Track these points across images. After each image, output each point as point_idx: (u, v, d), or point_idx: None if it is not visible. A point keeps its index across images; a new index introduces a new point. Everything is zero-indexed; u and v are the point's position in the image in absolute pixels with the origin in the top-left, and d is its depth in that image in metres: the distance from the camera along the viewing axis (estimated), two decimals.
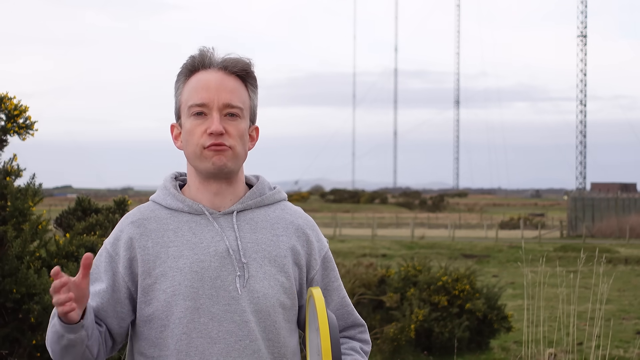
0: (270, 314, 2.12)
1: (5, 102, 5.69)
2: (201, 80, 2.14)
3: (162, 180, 2.25)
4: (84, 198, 6.65)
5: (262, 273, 2.13)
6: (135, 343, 2.17)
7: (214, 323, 2.08)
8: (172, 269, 2.10)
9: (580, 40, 68.76)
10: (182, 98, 2.16)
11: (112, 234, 2.20)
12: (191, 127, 2.13)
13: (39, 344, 5.53)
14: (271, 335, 2.12)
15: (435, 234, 39.65)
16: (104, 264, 2.16)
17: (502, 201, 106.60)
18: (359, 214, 66.04)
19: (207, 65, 2.15)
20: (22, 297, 5.45)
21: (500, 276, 20.44)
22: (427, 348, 11.84)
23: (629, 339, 12.17)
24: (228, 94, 2.13)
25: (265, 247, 2.16)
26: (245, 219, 2.17)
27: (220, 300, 2.09)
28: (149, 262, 2.12)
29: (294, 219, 2.23)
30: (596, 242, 33.43)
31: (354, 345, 2.23)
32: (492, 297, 12.16)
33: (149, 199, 2.24)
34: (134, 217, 2.18)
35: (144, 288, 2.11)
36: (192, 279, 2.09)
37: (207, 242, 2.12)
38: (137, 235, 2.14)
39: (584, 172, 65.14)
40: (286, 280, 2.16)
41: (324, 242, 2.27)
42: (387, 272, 12.65)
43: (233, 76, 2.15)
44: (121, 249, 2.14)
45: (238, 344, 2.08)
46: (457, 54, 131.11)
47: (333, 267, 2.27)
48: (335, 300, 2.24)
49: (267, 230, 2.18)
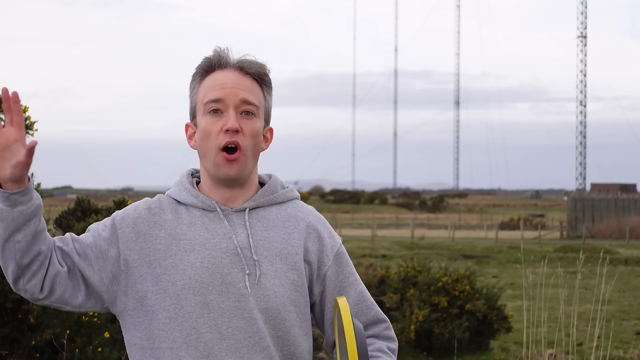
0: (281, 312, 2.12)
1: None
2: (217, 79, 2.15)
3: (178, 177, 2.26)
4: (83, 198, 6.65)
5: (273, 271, 2.14)
6: (132, 333, 2.14)
7: (224, 319, 2.08)
8: (183, 262, 2.10)
9: (580, 41, 68.82)
10: (198, 97, 2.17)
11: (126, 210, 2.18)
12: (207, 125, 2.13)
13: (39, 344, 5.53)
14: (281, 333, 2.12)
15: (435, 235, 39.66)
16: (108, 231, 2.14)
17: (502, 202, 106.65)
18: (358, 214, 66.07)
19: (224, 65, 2.16)
20: (21, 298, 5.45)
21: (500, 277, 20.45)
22: (427, 349, 11.85)
23: (629, 340, 12.17)
24: (245, 91, 2.14)
25: (276, 244, 2.16)
26: (257, 216, 2.18)
27: (230, 297, 2.09)
28: (159, 252, 2.11)
29: (305, 216, 2.24)
30: (596, 242, 33.45)
31: (380, 346, 2.21)
32: (492, 298, 12.17)
33: (166, 193, 2.25)
34: (153, 204, 2.19)
35: (154, 277, 2.10)
36: (203, 274, 2.09)
37: (219, 238, 2.13)
38: (151, 222, 2.15)
39: (584, 172, 65.17)
40: (298, 278, 2.16)
41: (336, 238, 2.28)
42: (387, 273, 12.67)
43: (249, 76, 2.17)
44: (129, 228, 2.14)
45: (247, 340, 2.08)
46: (457, 55, 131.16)
47: (347, 263, 2.27)
48: (352, 295, 2.23)
49: (278, 228, 2.19)
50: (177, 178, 2.26)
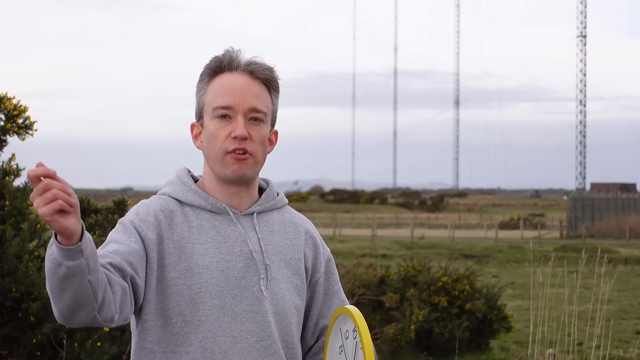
0: (287, 316, 2.14)
1: (4, 102, 5.69)
2: (227, 83, 2.13)
3: (174, 175, 2.22)
4: (83, 198, 6.65)
5: (280, 275, 2.15)
6: (143, 337, 2.11)
7: (237, 323, 2.08)
8: (198, 266, 2.08)
9: (579, 41, 68.86)
10: (206, 99, 2.15)
11: (134, 211, 2.11)
12: (215, 129, 2.12)
13: (39, 343, 5.53)
14: (286, 337, 2.14)
15: (435, 234, 39.66)
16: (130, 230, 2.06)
17: (502, 201, 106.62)
18: (358, 214, 66.07)
19: (234, 68, 2.14)
20: (21, 296, 5.45)
21: (500, 276, 20.45)
22: (427, 348, 11.84)
23: (629, 339, 12.17)
24: (254, 98, 2.12)
25: (281, 249, 2.18)
26: (263, 220, 2.19)
27: (244, 300, 2.09)
28: (173, 256, 2.09)
29: (302, 223, 2.27)
30: (596, 242, 33.43)
31: None
32: (492, 298, 12.17)
33: (161, 193, 2.19)
34: (161, 206, 2.13)
35: (167, 280, 2.07)
36: (219, 278, 2.08)
37: (232, 241, 2.12)
38: (165, 224, 2.11)
39: (584, 172, 65.20)
40: (300, 283, 2.18)
41: (325, 245, 2.31)
42: (387, 273, 12.66)
43: (258, 81, 2.15)
44: (147, 225, 2.08)
45: (259, 344, 2.09)
46: (457, 54, 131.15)
47: (334, 271, 2.30)
48: (335, 303, 2.25)
49: (281, 234, 2.20)
50: (173, 177, 2.22)
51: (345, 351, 1.98)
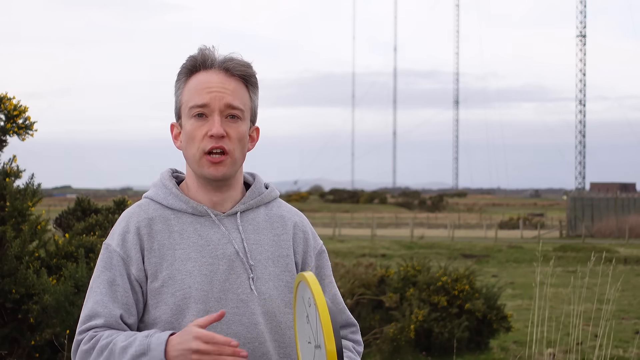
0: (277, 315, 2.13)
1: (4, 103, 5.69)
2: (202, 81, 2.12)
3: (158, 177, 2.22)
4: (83, 198, 6.64)
5: (267, 274, 2.13)
6: None
7: (222, 326, 2.06)
8: (181, 272, 2.08)
9: (579, 40, 68.86)
10: (183, 98, 2.14)
11: (117, 233, 2.14)
12: (192, 129, 2.11)
13: (38, 344, 5.52)
14: (277, 336, 2.13)
15: (434, 234, 39.63)
16: (118, 267, 2.10)
17: (502, 201, 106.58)
18: (358, 214, 66.01)
19: (209, 66, 2.13)
20: (21, 297, 5.45)
21: (499, 276, 20.43)
22: (426, 348, 11.84)
23: (628, 339, 12.16)
24: (229, 95, 2.11)
25: (268, 247, 2.16)
26: (247, 219, 2.17)
27: (229, 303, 2.08)
28: (156, 265, 2.09)
29: (291, 216, 2.24)
30: (595, 242, 33.44)
31: (346, 344, 2.22)
32: (492, 297, 12.16)
33: (145, 196, 2.20)
34: (139, 217, 2.14)
35: (151, 291, 2.09)
36: (202, 282, 2.07)
37: (214, 244, 2.11)
38: (145, 236, 2.11)
39: (584, 172, 65.20)
40: (291, 279, 2.16)
41: (317, 238, 2.28)
42: (387, 272, 12.64)
43: (234, 77, 2.13)
44: (132, 250, 2.11)
45: (246, 346, 2.07)
46: (457, 54, 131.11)
47: (326, 264, 2.28)
48: (326, 296, 2.23)
49: (268, 231, 2.18)
50: (156, 179, 2.22)
51: (310, 321, 1.88)
